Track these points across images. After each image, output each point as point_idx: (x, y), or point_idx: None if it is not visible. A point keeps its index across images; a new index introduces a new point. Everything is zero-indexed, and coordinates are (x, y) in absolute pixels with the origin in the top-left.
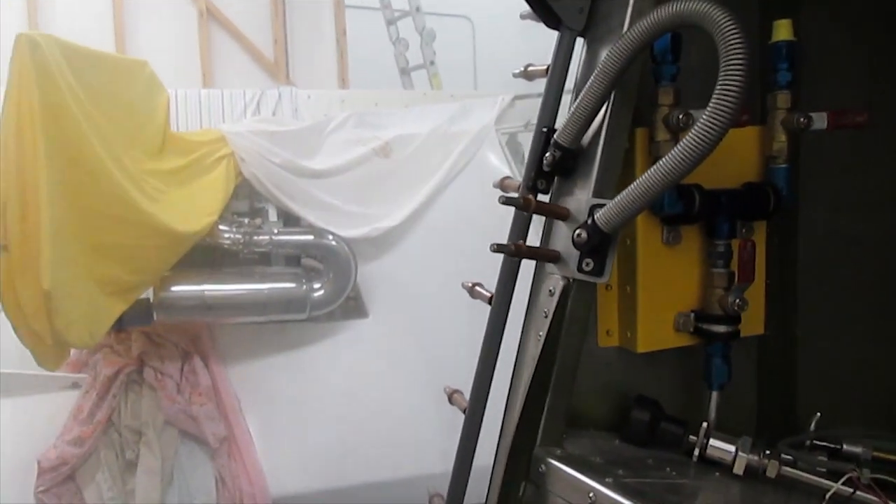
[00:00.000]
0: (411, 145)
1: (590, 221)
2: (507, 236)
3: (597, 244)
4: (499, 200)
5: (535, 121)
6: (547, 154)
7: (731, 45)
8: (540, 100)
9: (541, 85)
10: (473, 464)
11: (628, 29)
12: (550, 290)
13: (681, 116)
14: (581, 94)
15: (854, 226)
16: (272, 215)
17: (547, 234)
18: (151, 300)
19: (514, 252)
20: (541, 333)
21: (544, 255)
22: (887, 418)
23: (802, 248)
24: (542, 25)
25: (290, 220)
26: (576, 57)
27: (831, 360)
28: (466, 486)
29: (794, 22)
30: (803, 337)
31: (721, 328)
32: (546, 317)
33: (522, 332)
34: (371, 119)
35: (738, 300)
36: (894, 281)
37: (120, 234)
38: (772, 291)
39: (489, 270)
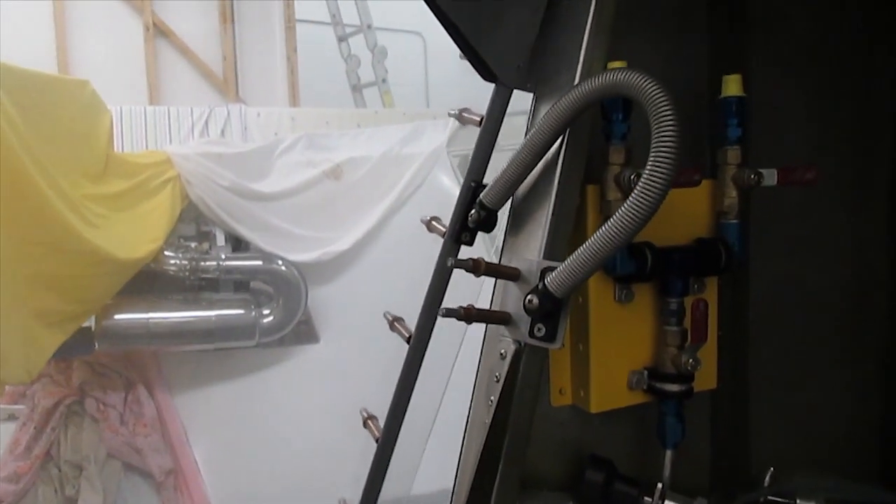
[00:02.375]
0: (363, 168)
1: (541, 286)
2: (462, 257)
3: (549, 309)
4: (448, 265)
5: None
6: (472, 212)
7: (663, 118)
8: None
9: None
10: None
11: (558, 101)
12: (502, 354)
13: (632, 177)
14: (510, 160)
15: (804, 276)
16: (220, 239)
17: (497, 294)
18: (93, 329)
19: (463, 316)
20: (492, 398)
21: (495, 318)
22: (839, 465)
23: (753, 300)
24: None
25: (238, 244)
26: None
27: (784, 410)
28: None
29: (742, 77)
30: (756, 388)
31: (674, 387)
32: (498, 381)
33: (473, 395)
34: (322, 141)
35: (691, 360)
36: (843, 330)
37: (58, 264)
38: (724, 344)
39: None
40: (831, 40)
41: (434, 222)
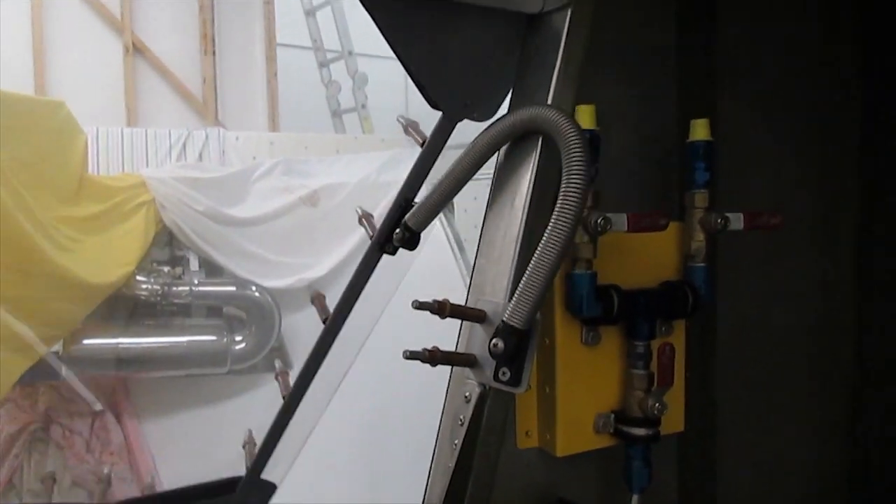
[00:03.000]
0: (340, 194)
1: (502, 326)
2: (436, 287)
3: (514, 351)
4: (412, 306)
5: None
6: (397, 231)
7: (574, 153)
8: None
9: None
10: None
11: (482, 132)
12: (466, 397)
13: (599, 221)
14: (434, 186)
15: (770, 318)
16: (193, 264)
17: (463, 335)
18: (60, 353)
19: (427, 358)
20: (456, 442)
21: (460, 361)
22: None
23: (720, 340)
24: None
25: (212, 269)
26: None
27: (751, 452)
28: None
29: (710, 120)
30: (723, 430)
31: (641, 431)
32: (462, 424)
33: (437, 438)
34: (299, 167)
35: (657, 404)
36: (809, 372)
37: (26, 287)
38: (691, 387)
39: (418, 320)
40: (800, 85)
41: (365, 220)
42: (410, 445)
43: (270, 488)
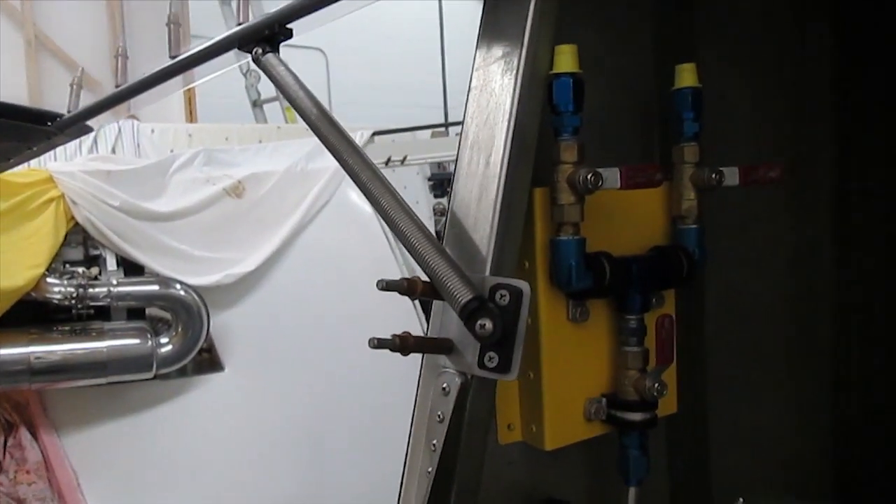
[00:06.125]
0: (266, 184)
1: (492, 306)
2: (372, 276)
3: (502, 333)
4: (378, 287)
5: (395, 157)
6: None
7: None
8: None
9: (400, 120)
10: None
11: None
12: (444, 389)
13: (589, 177)
14: None
15: (749, 288)
16: (111, 264)
17: (435, 318)
18: None
19: (398, 346)
20: (435, 442)
21: (435, 347)
22: (794, 485)
23: (708, 312)
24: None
25: (131, 268)
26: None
27: (743, 428)
28: None
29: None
30: (713, 408)
31: (637, 416)
32: (441, 421)
33: (410, 440)
34: (221, 156)
35: (656, 384)
36: (790, 344)
37: None
38: (680, 362)
39: (354, 312)
40: (777, 44)
41: None
42: (352, 437)
43: (88, 129)
